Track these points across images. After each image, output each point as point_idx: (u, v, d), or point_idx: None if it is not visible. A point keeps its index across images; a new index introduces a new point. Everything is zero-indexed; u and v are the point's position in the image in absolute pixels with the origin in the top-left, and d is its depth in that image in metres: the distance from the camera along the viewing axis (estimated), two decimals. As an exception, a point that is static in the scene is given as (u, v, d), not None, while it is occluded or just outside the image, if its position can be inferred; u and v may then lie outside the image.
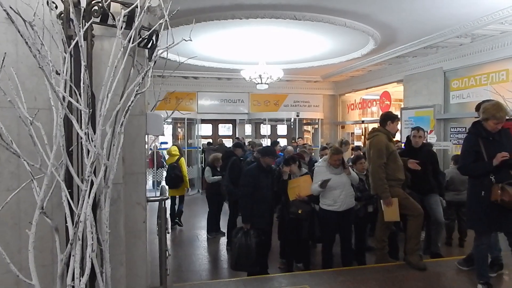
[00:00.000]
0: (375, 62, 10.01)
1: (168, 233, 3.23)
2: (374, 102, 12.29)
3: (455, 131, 8.44)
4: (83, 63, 1.80)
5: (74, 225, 1.90)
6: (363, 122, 12.71)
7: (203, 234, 7.46)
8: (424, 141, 5.47)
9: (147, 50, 2.64)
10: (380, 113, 12.45)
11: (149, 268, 3.09)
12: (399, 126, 10.52)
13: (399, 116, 4.68)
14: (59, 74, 1.94)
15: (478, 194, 3.35)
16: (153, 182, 11.97)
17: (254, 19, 6.60)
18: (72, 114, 1.95)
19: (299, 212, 5.07)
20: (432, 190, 4.84)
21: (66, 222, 1.98)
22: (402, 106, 10.18)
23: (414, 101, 9.59)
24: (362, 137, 13.22)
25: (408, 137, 5.06)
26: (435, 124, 8.64)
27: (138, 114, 2.68)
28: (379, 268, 4.42)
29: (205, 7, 6.34)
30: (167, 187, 7.38)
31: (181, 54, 8.48)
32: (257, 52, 9.00)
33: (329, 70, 11.82)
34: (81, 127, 1.90)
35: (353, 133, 13.54)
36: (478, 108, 3.86)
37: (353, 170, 5.30)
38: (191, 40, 2.50)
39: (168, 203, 4.55)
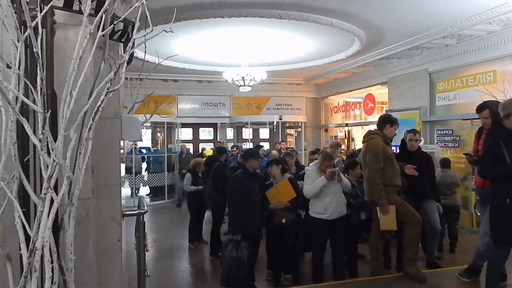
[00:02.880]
0: (359, 64, 9.87)
1: (147, 251, 2.86)
2: (358, 105, 12.15)
3: (441, 134, 8.34)
4: (35, 49, 1.44)
5: (28, 254, 1.53)
6: (346, 125, 12.56)
7: (184, 244, 7.06)
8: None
9: (122, 44, 2.28)
10: (364, 115, 12.58)
11: (126, 291, 2.72)
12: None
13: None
14: (11, 67, 1.56)
15: (502, 201, 3.09)
16: (132, 189, 11.47)
17: (237, 18, 6.30)
18: (27, 117, 1.58)
19: (282, 221, 4.78)
20: (428, 196, 4.63)
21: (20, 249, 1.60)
22: (387, 108, 10.05)
23: (399, 103, 9.47)
24: (346, 140, 13.08)
25: (402, 141, 4.84)
26: (421, 126, 8.52)
27: (111, 117, 2.31)
28: (375, 280, 4.17)
29: (186, 4, 6.00)
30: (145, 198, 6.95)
31: (160, 56, 8.11)
32: (239, 54, 8.70)
33: (312, 72, 11.63)
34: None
35: (336, 136, 13.37)
36: (479, 109, 3.64)
37: (346, 175, 5.05)
38: (172, 32, 2.16)
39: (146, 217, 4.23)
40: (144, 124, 12.95)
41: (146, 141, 13.45)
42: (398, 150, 5.07)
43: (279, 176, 4.99)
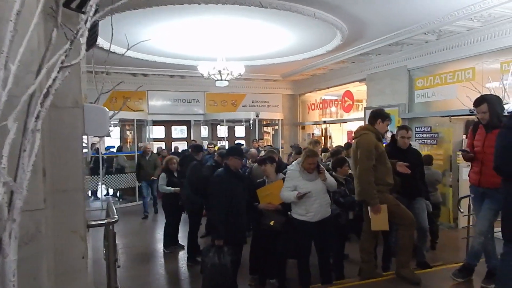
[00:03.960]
0: (338, 60, 9.67)
1: (118, 266, 2.43)
2: (336, 102, 11.99)
3: (420, 131, 8.25)
4: None
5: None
6: (324, 122, 12.38)
7: (159, 249, 6.59)
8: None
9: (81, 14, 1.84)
10: (341, 113, 12.45)
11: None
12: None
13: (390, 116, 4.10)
14: None
15: None
16: (96, 191, 10.81)
17: (214, 5, 5.87)
18: None
19: (271, 223, 4.45)
20: (419, 194, 4.42)
21: None
22: (365, 105, 9.92)
23: (378, 100, 9.35)
24: (322, 138, 12.91)
25: (393, 137, 4.60)
26: (401, 123, 8.40)
27: (70, 106, 1.88)
28: (368, 284, 3.90)
29: (158, -11, 5.54)
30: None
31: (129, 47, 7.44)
32: (215, 47, 8.26)
33: (290, 68, 11.35)
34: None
35: (313, 134, 13.19)
36: (477, 103, 3.43)
37: (333, 174, 4.77)
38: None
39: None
40: (111, 121, 12.27)
41: (114, 139, 12.77)
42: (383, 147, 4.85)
43: (273, 176, 4.64)
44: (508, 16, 6.11)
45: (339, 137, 12.56)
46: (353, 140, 4.04)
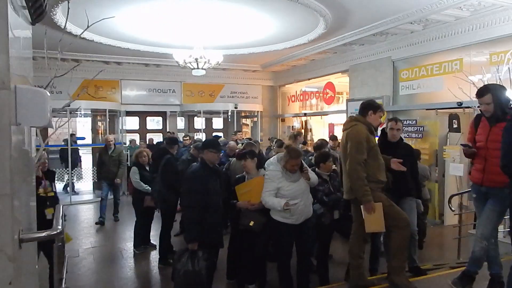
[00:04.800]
0: (320, 50, 9.32)
1: (66, 288, 1.96)
2: (317, 94, 11.67)
3: (405, 124, 7.97)
4: None
5: None
6: (305, 114, 12.05)
7: (128, 249, 6.10)
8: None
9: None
10: (322, 105, 12.13)
11: None
12: (345, 119, 10.30)
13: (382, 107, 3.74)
14: None
15: None
16: (66, 185, 10.17)
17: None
18: None
19: (250, 224, 4.07)
20: (409, 193, 4.10)
21: None
22: (348, 97, 9.64)
23: (361, 92, 9.08)
24: (302, 130, 12.58)
25: (383, 130, 4.26)
26: (386, 116, 8.15)
27: (-8, 86, 1.41)
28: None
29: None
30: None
31: (100, 33, 6.98)
32: (192, 35, 7.74)
33: (270, 58, 10.93)
34: None
35: (294, 126, 12.86)
36: (480, 94, 3.11)
37: (316, 170, 4.42)
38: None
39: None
40: (82, 111, 11.59)
41: (86, 130, 12.07)
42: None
43: (255, 172, 4.25)
44: (499, 5, 5.87)
45: (320, 130, 12.27)
46: (342, 132, 3.67)
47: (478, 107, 3.24)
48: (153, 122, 13.17)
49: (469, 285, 3.23)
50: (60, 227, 1.84)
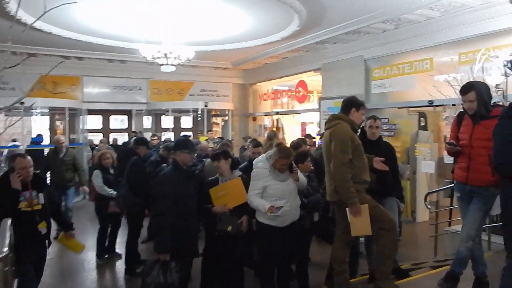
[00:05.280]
0: (292, 48, 9.19)
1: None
2: (290, 93, 11.55)
3: (377, 123, 8.04)
4: None
5: None
6: (277, 113, 11.90)
7: (90, 260, 5.62)
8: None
9: None
10: (294, 104, 12.03)
11: None
12: (317, 118, 10.26)
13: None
14: None
15: None
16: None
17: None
18: None
19: (228, 229, 3.82)
20: (390, 193, 4.00)
21: None
22: (321, 96, 9.58)
23: (333, 90, 9.02)
24: (274, 129, 12.44)
25: (362, 129, 4.13)
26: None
27: None
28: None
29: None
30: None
31: (59, 24, 6.46)
32: (160, 29, 7.33)
33: (241, 55, 10.68)
34: None
35: (265, 125, 12.69)
36: (464, 91, 3.04)
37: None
38: None
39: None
40: (38, 109, 10.84)
41: (43, 130, 11.33)
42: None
43: (228, 173, 3.98)
44: (468, 6, 5.95)
45: (291, 128, 12.18)
46: (325, 131, 3.50)
47: (461, 104, 3.16)
48: (117, 121, 12.57)
49: (454, 286, 3.15)
50: (5, 250, 1.52)
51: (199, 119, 12.55)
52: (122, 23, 7.54)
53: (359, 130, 3.75)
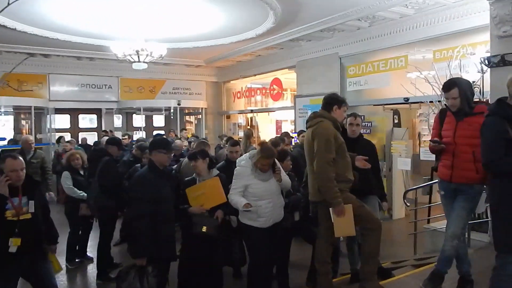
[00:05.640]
0: (267, 45, 9.11)
1: None
2: (264, 90, 11.46)
3: (352, 120, 8.07)
4: None
5: None
6: (252, 111, 11.79)
7: (61, 264, 5.32)
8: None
9: None
10: (267, 102, 11.95)
11: None
12: (291, 116, 10.22)
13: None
14: None
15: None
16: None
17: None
18: None
19: (203, 230, 3.68)
20: (371, 191, 3.96)
21: None
22: (296, 93, 9.54)
23: (308, 88, 9.02)
24: (248, 128, 12.34)
25: (342, 126, 4.07)
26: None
27: None
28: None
29: None
30: None
31: (24, 20, 6.19)
32: (131, 25, 7.06)
33: (215, 53, 10.49)
34: None
35: (240, 123, 12.56)
36: (447, 88, 3.01)
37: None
38: None
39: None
40: (1, 109, 10.28)
41: (6, 129, 10.71)
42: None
43: (206, 173, 3.83)
44: (442, 3, 6.05)
45: (266, 126, 12.10)
46: (307, 129, 3.41)
47: (444, 101, 3.15)
48: (86, 120, 12.12)
49: (439, 285, 3.13)
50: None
51: (171, 117, 12.27)
52: (91, 19, 7.22)
53: (342, 126, 3.69)
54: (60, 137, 9.49)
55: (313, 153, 3.22)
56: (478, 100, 3.21)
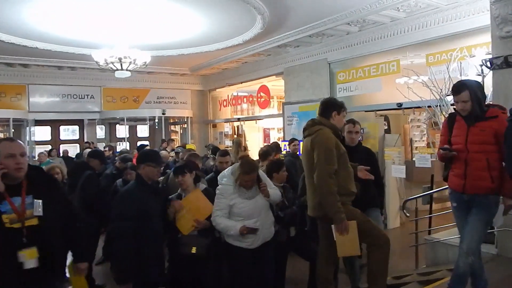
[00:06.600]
0: (253, 52, 8.91)
1: None
2: (251, 98, 11.23)
3: (344, 127, 7.89)
4: None
5: None
6: (239, 120, 11.52)
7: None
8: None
9: None
10: (254, 110, 11.70)
11: None
12: (279, 124, 9.99)
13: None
14: None
15: None
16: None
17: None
18: None
19: (193, 251, 3.36)
20: (372, 203, 3.71)
21: None
22: (284, 100, 9.33)
23: (297, 95, 8.84)
24: (235, 136, 12.05)
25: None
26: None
27: None
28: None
29: None
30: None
31: (2, 29, 5.89)
32: (113, 32, 6.75)
33: (200, 60, 10.23)
34: None
35: (226, 132, 12.27)
36: (457, 91, 2.76)
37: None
38: None
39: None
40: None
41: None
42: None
43: (193, 188, 3.52)
44: (434, 6, 5.93)
45: (253, 135, 11.85)
46: (305, 138, 3.15)
47: (453, 105, 2.93)
48: (68, 132, 11.71)
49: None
50: None
51: (156, 127, 11.90)
52: (72, 26, 6.91)
53: (342, 134, 3.46)
54: (51, 150, 9.24)
55: (313, 165, 2.96)
56: (490, 103, 3.00)
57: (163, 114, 11.41)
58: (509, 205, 2.66)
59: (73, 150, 10.41)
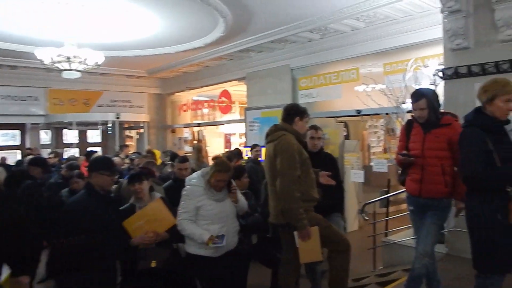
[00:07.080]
0: (215, 55, 8.73)
1: None
2: (212, 103, 11.01)
3: (304, 133, 7.91)
4: None
5: None
6: (199, 125, 11.25)
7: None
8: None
9: None
10: (215, 115, 11.51)
11: None
12: (240, 129, 9.86)
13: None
14: None
15: (492, 218, 2.25)
16: None
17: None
18: None
19: (152, 265, 3.11)
20: (334, 208, 3.66)
21: None
22: (246, 106, 9.21)
23: (259, 100, 8.75)
24: (194, 142, 11.76)
25: (302, 139, 3.76)
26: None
27: None
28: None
29: None
30: None
31: None
32: (61, 29, 6.24)
33: (158, 63, 9.87)
34: None
35: (185, 137, 11.94)
36: (415, 98, 2.85)
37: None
38: None
39: None
40: None
41: None
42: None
43: (148, 197, 3.26)
44: (391, 17, 6.10)
45: (214, 140, 11.62)
46: (267, 144, 3.02)
47: (408, 112, 2.98)
48: (8, 137, 10.75)
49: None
50: None
51: (109, 132, 11.28)
52: (14, 22, 6.34)
53: (305, 139, 3.37)
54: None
55: (275, 171, 2.85)
56: (443, 111, 3.07)
57: (117, 118, 10.84)
58: (460, 207, 2.74)
59: (13, 157, 9.57)
